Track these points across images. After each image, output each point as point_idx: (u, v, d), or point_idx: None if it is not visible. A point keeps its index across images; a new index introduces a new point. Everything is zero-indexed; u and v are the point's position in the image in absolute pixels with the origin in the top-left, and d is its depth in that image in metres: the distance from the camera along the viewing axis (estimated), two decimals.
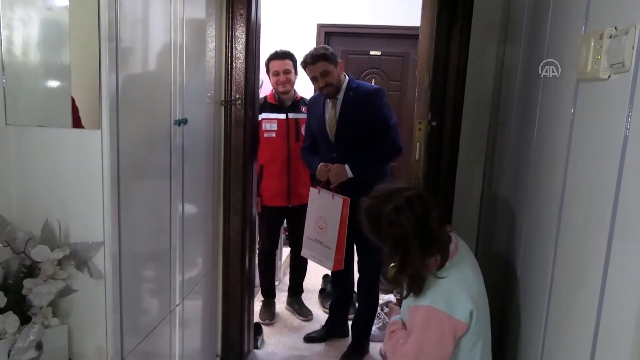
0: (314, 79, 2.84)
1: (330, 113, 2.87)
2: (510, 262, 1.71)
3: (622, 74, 0.98)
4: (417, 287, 1.40)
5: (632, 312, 0.88)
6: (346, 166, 2.77)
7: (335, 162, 2.81)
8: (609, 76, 1.04)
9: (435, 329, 1.39)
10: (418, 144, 1.83)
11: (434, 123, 1.87)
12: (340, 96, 2.84)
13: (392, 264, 2.03)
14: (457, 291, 1.42)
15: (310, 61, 2.79)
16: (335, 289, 3.34)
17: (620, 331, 0.93)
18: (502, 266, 1.86)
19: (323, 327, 3.30)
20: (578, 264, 1.17)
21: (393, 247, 1.45)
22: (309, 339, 3.23)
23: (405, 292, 1.44)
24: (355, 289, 3.27)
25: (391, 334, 1.58)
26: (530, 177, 1.62)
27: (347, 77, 2.89)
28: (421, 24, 1.84)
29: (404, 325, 1.63)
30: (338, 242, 2.70)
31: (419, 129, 1.83)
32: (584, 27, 1.22)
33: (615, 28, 1.01)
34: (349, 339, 3.17)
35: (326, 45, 2.90)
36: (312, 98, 3.17)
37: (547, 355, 1.36)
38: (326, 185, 2.83)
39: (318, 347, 3.18)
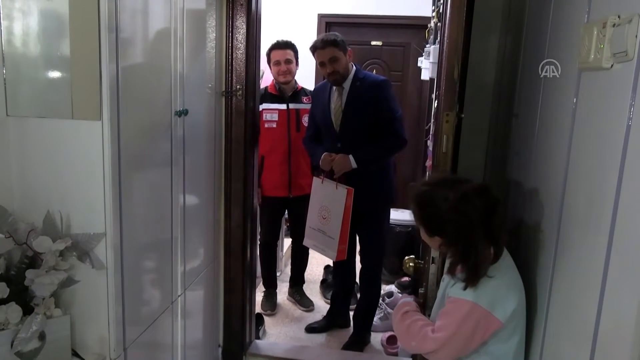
0: (321, 65, 2.82)
1: (336, 102, 2.86)
2: (512, 256, 1.71)
3: (625, 63, 0.97)
4: (475, 278, 1.39)
5: (633, 304, 0.88)
6: (350, 156, 2.76)
7: (339, 152, 2.80)
8: (612, 65, 1.04)
9: (471, 324, 1.39)
10: (445, 136, 1.80)
11: (462, 115, 1.85)
12: (347, 85, 2.83)
13: (408, 257, 2.02)
14: (503, 290, 1.41)
15: (320, 46, 2.78)
16: (337, 280, 3.34)
17: (622, 326, 0.93)
18: None
19: (324, 317, 3.31)
20: (579, 254, 1.17)
21: (454, 236, 1.42)
22: (311, 329, 3.24)
23: (464, 284, 1.41)
24: (357, 280, 3.28)
25: (405, 315, 1.56)
26: (532, 167, 1.62)
27: (354, 67, 2.88)
28: (450, 13, 1.80)
29: (416, 307, 1.61)
30: (341, 232, 2.69)
31: (447, 121, 1.80)
32: (586, 16, 1.21)
33: (619, 17, 1.00)
34: (351, 329, 3.19)
35: (337, 33, 2.88)
36: (317, 87, 3.15)
37: (548, 344, 1.36)
38: (329, 175, 2.82)
39: (319, 338, 3.20)
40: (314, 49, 2.82)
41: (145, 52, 1.75)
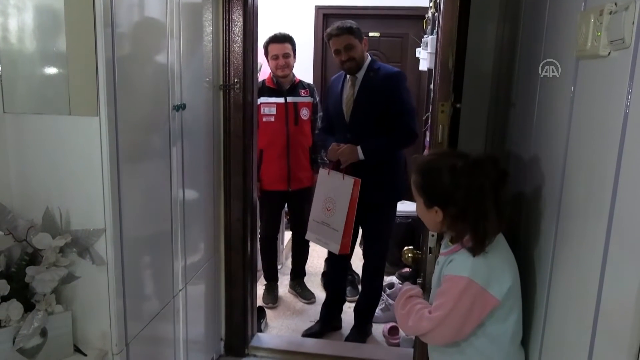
0: (336, 52, 2.79)
1: (349, 92, 2.83)
2: (512, 241, 1.72)
3: (622, 50, 0.97)
4: (483, 245, 1.36)
5: (631, 295, 0.88)
6: (358, 148, 2.73)
7: (348, 142, 2.76)
8: (609, 53, 1.03)
9: (467, 301, 1.37)
10: (441, 126, 1.81)
11: (458, 105, 1.85)
12: (360, 75, 2.80)
13: (407, 248, 2.01)
14: (498, 267, 1.40)
15: (335, 33, 2.75)
16: (328, 289, 3.31)
17: (623, 304, 0.93)
18: None
19: (317, 322, 3.20)
20: (579, 239, 1.17)
21: (463, 203, 1.38)
22: (307, 335, 3.12)
23: (473, 252, 1.39)
24: (358, 272, 3.27)
25: (408, 299, 1.56)
26: (531, 156, 1.61)
27: (369, 57, 2.86)
28: (444, 3, 1.80)
29: (421, 294, 1.61)
30: (346, 224, 2.66)
31: (442, 111, 1.80)
32: (583, 3, 1.20)
33: (615, 4, 1.00)
34: (343, 331, 3.16)
35: (352, 21, 2.84)
36: (333, 77, 3.10)
37: (549, 323, 1.37)
38: (336, 166, 2.79)
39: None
40: (329, 36, 2.79)
41: (141, 46, 1.74)
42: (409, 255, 1.93)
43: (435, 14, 2.88)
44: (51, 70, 1.52)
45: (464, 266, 1.39)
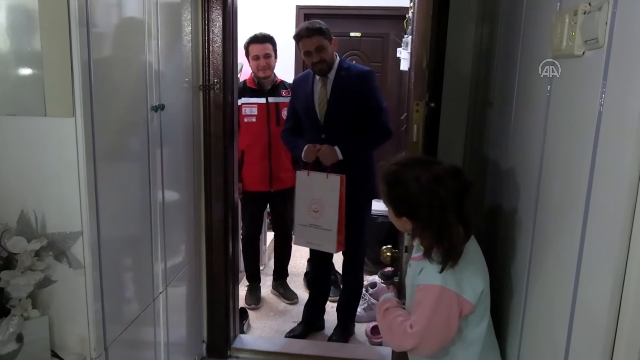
0: (307, 54, 2.76)
1: (321, 93, 2.81)
2: (490, 242, 1.73)
3: (596, 50, 0.98)
4: (454, 259, 1.36)
5: (606, 291, 0.89)
6: (336, 148, 2.72)
7: (323, 143, 2.75)
8: (584, 52, 1.04)
9: (444, 309, 1.37)
10: (416, 126, 1.83)
11: (432, 104, 1.87)
12: (332, 75, 2.79)
13: (385, 247, 2.01)
14: (468, 272, 1.40)
15: (306, 34, 2.72)
16: (312, 289, 3.31)
17: (595, 316, 0.94)
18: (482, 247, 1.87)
19: (300, 324, 3.19)
20: (556, 240, 1.19)
21: (427, 218, 1.39)
22: (290, 337, 3.11)
23: (441, 267, 1.39)
24: (339, 271, 3.27)
25: (386, 312, 1.55)
26: (509, 155, 1.63)
27: (338, 57, 2.85)
28: (417, 3, 1.81)
29: (397, 303, 1.60)
30: (339, 222, 2.64)
31: (417, 111, 1.82)
32: (559, 4, 1.22)
33: (589, 4, 1.01)
34: (326, 331, 3.16)
35: (321, 21, 2.80)
36: (298, 77, 3.10)
37: (527, 326, 1.38)
38: (314, 166, 2.76)
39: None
40: (299, 37, 2.75)
41: (118, 46, 1.72)
42: (388, 254, 1.94)
43: None
44: (26, 71, 1.49)
45: (434, 274, 1.39)
